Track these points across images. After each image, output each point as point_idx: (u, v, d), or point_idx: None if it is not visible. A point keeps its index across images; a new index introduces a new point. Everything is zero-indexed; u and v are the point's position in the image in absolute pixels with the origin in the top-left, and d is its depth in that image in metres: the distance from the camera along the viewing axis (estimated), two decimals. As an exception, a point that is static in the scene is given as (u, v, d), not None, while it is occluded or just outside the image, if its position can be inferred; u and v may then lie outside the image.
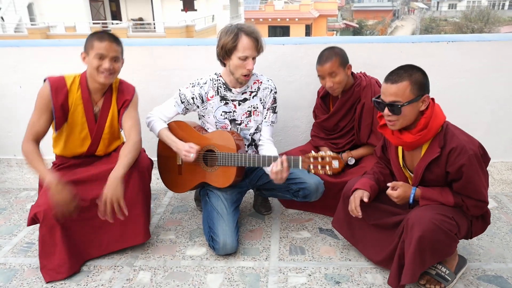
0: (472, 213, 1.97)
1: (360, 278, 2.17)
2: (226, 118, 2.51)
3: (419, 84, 1.89)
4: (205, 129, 2.58)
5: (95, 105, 2.33)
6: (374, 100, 1.98)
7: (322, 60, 2.52)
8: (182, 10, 24.82)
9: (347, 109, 2.66)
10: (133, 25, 22.81)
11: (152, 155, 2.53)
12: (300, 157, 2.22)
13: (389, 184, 2.05)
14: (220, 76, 2.51)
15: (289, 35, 30.87)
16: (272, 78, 2.63)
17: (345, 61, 2.53)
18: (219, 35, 2.38)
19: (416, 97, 1.89)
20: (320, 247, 2.44)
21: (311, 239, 2.52)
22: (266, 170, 2.46)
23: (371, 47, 3.10)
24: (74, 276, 2.20)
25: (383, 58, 3.04)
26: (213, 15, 25.01)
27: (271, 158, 2.30)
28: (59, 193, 2.08)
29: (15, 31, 21.52)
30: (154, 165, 2.51)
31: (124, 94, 2.36)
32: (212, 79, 2.51)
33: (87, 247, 2.28)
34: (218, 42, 2.38)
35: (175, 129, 2.53)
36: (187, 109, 2.53)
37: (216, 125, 2.52)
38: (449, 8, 49.26)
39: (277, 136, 3.29)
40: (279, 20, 32.12)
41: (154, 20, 24.69)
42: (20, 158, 3.50)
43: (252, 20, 30.86)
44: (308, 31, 32.23)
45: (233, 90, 2.49)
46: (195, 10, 24.84)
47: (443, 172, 1.93)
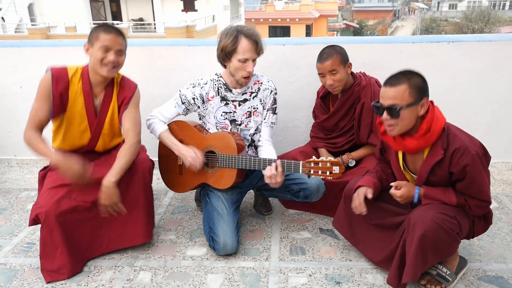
0: (474, 213, 1.97)
1: (361, 278, 2.17)
2: (227, 118, 2.51)
3: (418, 87, 1.88)
4: (206, 129, 2.58)
5: (96, 98, 2.31)
6: (373, 104, 1.98)
7: (323, 57, 2.52)
8: (182, 11, 24.82)
9: (347, 108, 2.66)
10: (134, 25, 22.82)
11: (153, 156, 2.53)
12: (301, 162, 2.22)
13: (392, 184, 2.05)
14: (221, 76, 2.51)
15: (289, 36, 30.88)
16: (273, 79, 2.63)
17: (345, 59, 2.54)
18: (219, 38, 2.38)
19: (415, 101, 1.88)
20: (321, 247, 2.44)
21: (312, 240, 2.52)
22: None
23: (371, 47, 3.09)
24: (75, 276, 2.20)
25: (383, 59, 3.04)
26: (213, 16, 25.01)
27: (272, 162, 2.29)
28: (69, 168, 2.09)
29: (15, 31, 21.53)
30: (155, 165, 2.51)
31: (125, 90, 2.34)
32: (213, 79, 2.51)
33: (88, 247, 2.28)
34: (218, 45, 2.38)
35: (175, 130, 2.52)
36: (188, 109, 2.53)
37: (217, 126, 2.52)
38: (449, 8, 49.28)
39: (277, 137, 3.29)
40: (279, 20, 32.12)
41: (154, 21, 24.70)
42: (21, 158, 3.51)
43: (253, 20, 30.89)
44: (309, 32, 32.24)
45: (234, 90, 2.49)
46: (196, 10, 24.84)
47: (446, 173, 1.93)
